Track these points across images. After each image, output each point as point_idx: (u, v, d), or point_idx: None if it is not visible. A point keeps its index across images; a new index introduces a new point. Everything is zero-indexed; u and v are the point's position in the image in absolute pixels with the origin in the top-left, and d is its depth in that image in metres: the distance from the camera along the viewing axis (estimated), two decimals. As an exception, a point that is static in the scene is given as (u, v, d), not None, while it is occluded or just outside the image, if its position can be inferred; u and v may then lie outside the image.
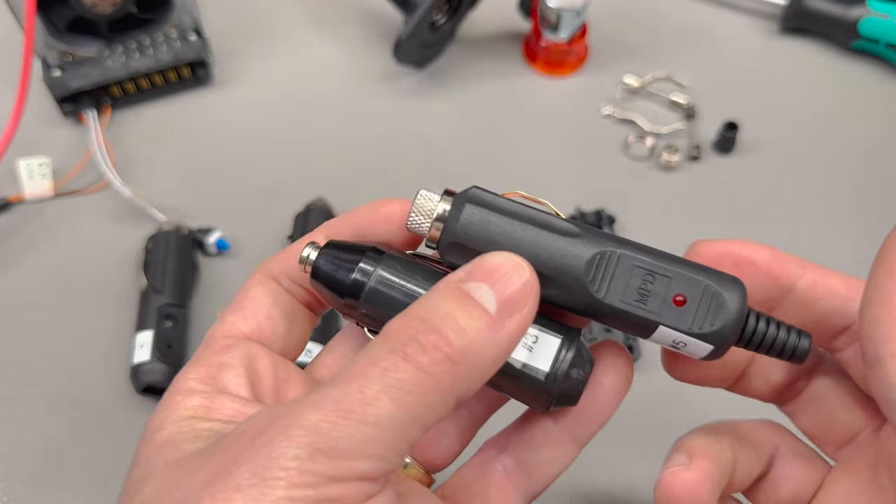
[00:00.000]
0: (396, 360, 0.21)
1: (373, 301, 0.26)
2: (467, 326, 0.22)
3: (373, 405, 0.21)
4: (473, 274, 0.23)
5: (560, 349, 0.25)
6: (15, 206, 0.54)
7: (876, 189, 0.55)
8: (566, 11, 0.57)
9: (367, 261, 0.26)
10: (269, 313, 0.27)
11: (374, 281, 0.26)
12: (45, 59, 0.55)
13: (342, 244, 0.27)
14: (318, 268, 0.26)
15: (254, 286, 0.28)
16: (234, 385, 0.25)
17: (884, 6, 0.59)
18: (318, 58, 0.62)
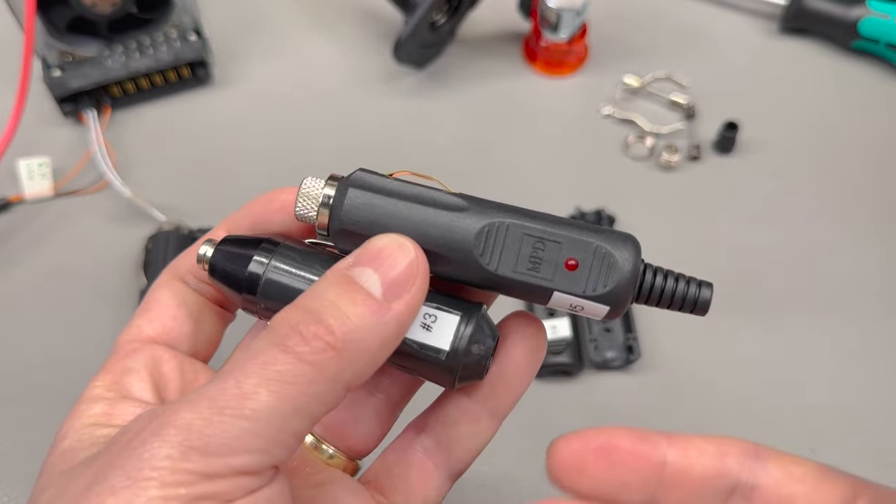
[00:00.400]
0: (275, 352, 0.21)
1: (269, 294, 0.25)
2: (350, 313, 0.22)
3: (250, 399, 0.20)
4: (359, 258, 0.23)
5: (459, 326, 0.25)
6: (15, 206, 0.54)
7: (876, 189, 0.55)
8: (566, 11, 0.57)
9: (260, 253, 0.26)
10: (175, 314, 0.27)
11: (269, 273, 0.25)
12: (45, 59, 0.55)
13: (237, 238, 0.27)
14: (214, 265, 0.26)
15: (159, 288, 0.27)
16: (137, 390, 0.25)
17: (884, 6, 0.59)
18: (318, 58, 0.62)
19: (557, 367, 0.47)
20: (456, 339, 0.25)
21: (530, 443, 0.46)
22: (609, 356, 0.47)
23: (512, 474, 0.44)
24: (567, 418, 0.46)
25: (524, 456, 0.45)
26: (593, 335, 0.48)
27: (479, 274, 0.25)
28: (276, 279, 0.25)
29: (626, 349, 0.48)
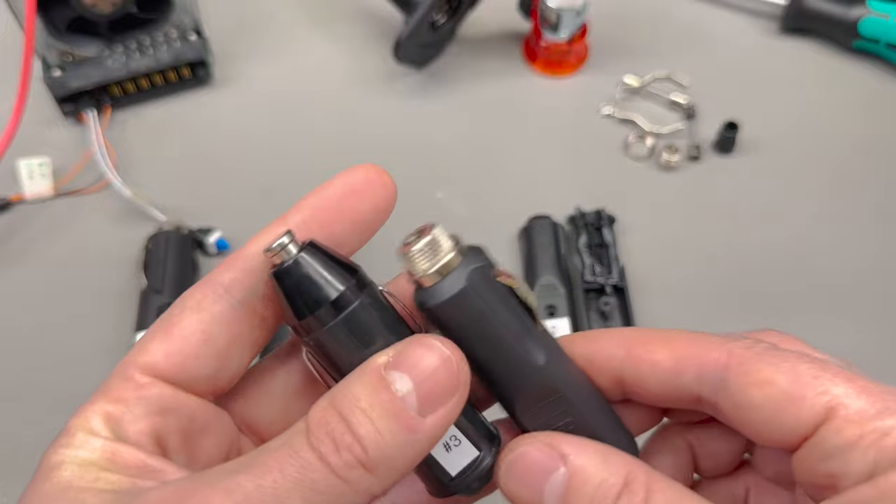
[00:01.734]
0: (312, 457, 0.21)
1: (333, 336, 0.23)
2: (384, 429, 0.21)
3: (284, 502, 0.20)
4: (398, 361, 0.21)
5: (474, 462, 0.24)
6: (15, 206, 0.54)
7: (876, 188, 0.55)
8: (566, 11, 0.57)
9: (350, 288, 0.23)
10: (199, 352, 0.24)
11: (344, 315, 0.23)
12: (45, 59, 0.55)
13: (326, 253, 0.23)
14: (288, 271, 0.23)
15: (188, 310, 0.24)
16: (135, 435, 0.23)
17: (884, 6, 0.59)
18: (318, 58, 0.62)
19: (557, 367, 0.46)
20: (465, 473, 0.24)
21: (530, 443, 0.46)
22: (609, 356, 0.47)
23: (512, 474, 0.44)
24: (567, 418, 0.46)
25: (524, 456, 0.45)
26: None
27: (509, 408, 0.25)
28: (346, 326, 0.23)
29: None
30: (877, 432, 0.21)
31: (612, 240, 0.51)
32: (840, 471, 0.21)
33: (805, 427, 0.22)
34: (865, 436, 0.21)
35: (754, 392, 0.23)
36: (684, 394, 0.25)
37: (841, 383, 0.22)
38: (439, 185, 0.55)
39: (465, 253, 0.24)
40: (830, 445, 0.21)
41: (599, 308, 0.49)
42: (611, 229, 0.51)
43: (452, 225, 0.56)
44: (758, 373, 0.23)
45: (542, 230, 0.51)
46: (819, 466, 0.22)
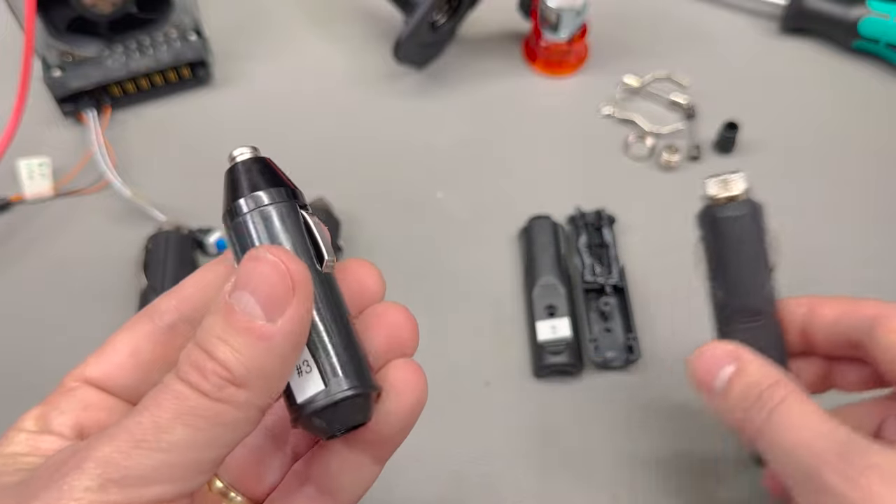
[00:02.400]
0: (184, 387, 0.22)
1: (242, 226, 0.26)
2: (238, 345, 0.22)
3: (166, 432, 0.22)
4: (237, 282, 0.23)
5: (316, 395, 0.25)
6: (15, 206, 0.54)
7: (876, 189, 0.55)
8: (566, 11, 0.57)
9: (271, 194, 0.26)
10: (122, 362, 0.27)
11: (256, 210, 0.26)
12: (45, 59, 0.55)
13: (270, 168, 0.28)
14: (234, 168, 0.28)
15: (122, 330, 0.28)
16: (58, 427, 0.25)
17: (884, 6, 0.59)
18: (318, 58, 0.62)
19: (557, 367, 0.47)
20: (309, 403, 0.25)
21: (530, 443, 0.46)
22: (609, 356, 0.47)
23: (512, 474, 0.44)
24: (567, 418, 0.46)
25: (524, 456, 0.45)
26: (593, 335, 0.48)
27: None
28: (264, 217, 0.26)
29: (626, 349, 0.48)
30: None
31: (612, 240, 0.51)
32: None
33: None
34: None
35: (891, 337, 0.33)
36: (843, 339, 0.35)
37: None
38: (439, 185, 0.55)
39: (750, 196, 0.34)
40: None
41: (599, 308, 0.49)
42: (611, 229, 0.51)
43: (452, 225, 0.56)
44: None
45: (542, 230, 0.51)
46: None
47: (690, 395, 0.46)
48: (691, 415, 0.46)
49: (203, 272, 0.28)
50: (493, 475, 0.45)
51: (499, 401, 0.47)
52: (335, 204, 0.52)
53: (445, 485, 0.44)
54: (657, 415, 0.46)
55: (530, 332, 0.48)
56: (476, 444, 0.46)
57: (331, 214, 0.51)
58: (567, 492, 0.44)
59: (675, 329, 0.49)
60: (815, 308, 0.37)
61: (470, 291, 0.51)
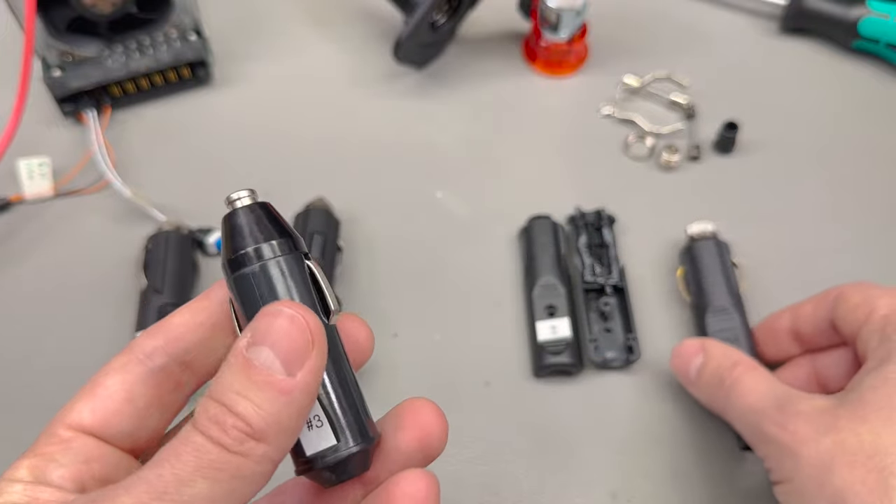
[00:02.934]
0: (204, 441, 0.22)
1: (244, 281, 0.26)
2: (259, 399, 0.23)
3: (188, 485, 0.22)
4: (254, 337, 0.24)
5: (329, 450, 0.26)
6: (15, 206, 0.54)
7: (876, 189, 0.55)
8: (566, 11, 0.57)
9: (273, 245, 0.26)
10: (119, 408, 0.26)
11: (258, 265, 0.26)
12: (45, 59, 0.55)
13: (271, 214, 0.27)
14: (232, 215, 0.27)
15: (112, 372, 0.27)
16: (58, 480, 0.25)
17: (884, 6, 0.59)
18: (318, 58, 0.62)
19: (557, 367, 0.47)
20: (320, 457, 0.26)
21: (530, 443, 0.46)
22: (609, 356, 0.47)
23: (512, 474, 0.44)
24: (567, 418, 0.46)
25: (524, 456, 0.45)
26: (593, 335, 0.48)
27: None
28: (267, 271, 0.26)
29: (626, 349, 0.48)
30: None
31: (612, 240, 0.51)
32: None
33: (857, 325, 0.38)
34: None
35: (847, 305, 0.39)
36: (823, 326, 0.41)
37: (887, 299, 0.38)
38: (439, 185, 0.55)
39: (717, 236, 0.49)
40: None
41: (599, 308, 0.49)
42: (611, 229, 0.51)
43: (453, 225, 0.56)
44: (850, 295, 0.40)
45: (542, 230, 0.51)
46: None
47: (690, 396, 0.46)
48: (690, 415, 0.46)
49: (191, 313, 0.27)
50: (493, 475, 0.45)
51: (499, 401, 0.47)
52: (335, 204, 0.52)
53: (445, 485, 0.44)
54: (656, 415, 0.46)
55: (530, 332, 0.48)
56: (476, 444, 0.45)
57: (331, 214, 0.51)
58: (567, 491, 0.44)
59: (674, 329, 0.49)
60: (796, 310, 0.43)
61: (470, 291, 0.51)
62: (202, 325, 0.27)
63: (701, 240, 0.49)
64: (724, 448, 0.45)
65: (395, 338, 0.49)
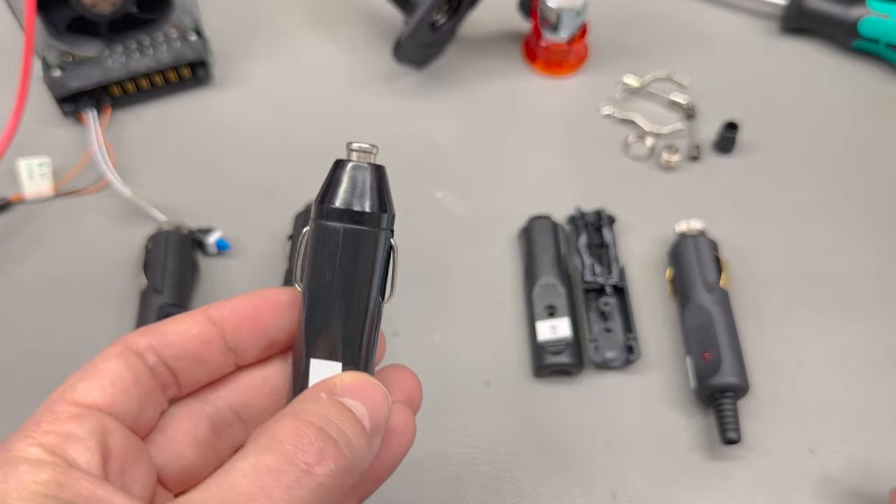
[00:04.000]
0: (299, 474, 0.22)
1: (328, 236, 0.26)
2: (355, 442, 0.24)
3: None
4: (352, 390, 0.26)
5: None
6: (15, 206, 0.54)
7: (876, 189, 0.55)
8: (566, 11, 0.57)
9: (382, 219, 0.26)
10: (127, 389, 0.25)
11: (362, 229, 0.26)
12: (45, 59, 0.55)
13: (385, 182, 0.27)
14: (356, 167, 0.26)
15: (113, 357, 0.26)
16: (84, 461, 0.23)
17: (884, 6, 0.59)
18: (318, 58, 0.62)
19: (557, 367, 0.46)
20: None
21: (530, 443, 0.46)
22: (609, 356, 0.47)
23: (512, 474, 0.44)
24: (567, 418, 0.46)
25: (524, 456, 0.45)
26: (593, 335, 0.48)
27: None
28: (366, 240, 0.26)
29: (626, 349, 0.48)
30: None
31: (612, 240, 0.51)
32: None
33: None
34: None
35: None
36: None
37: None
38: (439, 185, 0.55)
39: (704, 233, 0.45)
40: None
41: (599, 308, 0.49)
42: (611, 229, 0.51)
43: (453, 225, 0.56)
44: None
45: (542, 230, 0.51)
46: None
47: (689, 396, 0.46)
48: (690, 414, 0.46)
49: (186, 324, 0.27)
50: (493, 475, 0.45)
51: (499, 401, 0.47)
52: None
53: (445, 484, 0.44)
54: (656, 415, 0.46)
55: (530, 332, 0.48)
56: (476, 444, 0.45)
57: (331, 214, 0.51)
58: (567, 491, 0.44)
59: (674, 329, 0.49)
60: None
61: (470, 291, 0.51)
62: (195, 337, 0.27)
63: (686, 237, 0.50)
64: (723, 447, 0.45)
65: (396, 337, 0.49)
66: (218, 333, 0.28)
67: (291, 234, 0.50)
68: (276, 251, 0.52)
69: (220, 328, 0.28)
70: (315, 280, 0.26)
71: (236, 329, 0.28)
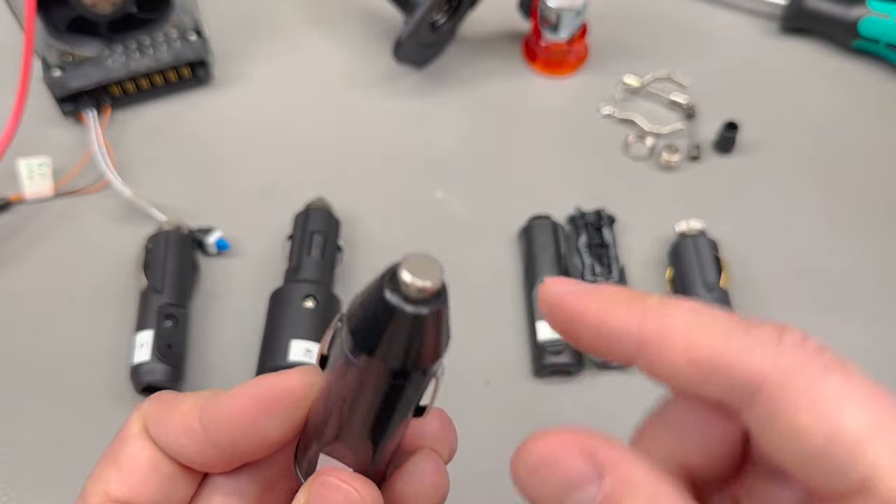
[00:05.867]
0: None
1: (394, 387, 0.22)
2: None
3: None
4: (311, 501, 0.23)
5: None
6: (15, 206, 0.54)
7: (876, 189, 0.55)
8: (566, 11, 0.57)
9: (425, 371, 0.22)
10: (146, 477, 0.25)
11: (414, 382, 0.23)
12: (45, 59, 0.55)
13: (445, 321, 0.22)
14: (417, 315, 0.21)
15: (133, 440, 0.25)
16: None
17: (884, 6, 0.59)
18: (318, 58, 0.62)
19: (557, 367, 0.46)
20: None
21: (530, 443, 0.46)
22: (609, 356, 0.47)
23: (512, 474, 0.44)
24: (567, 418, 0.46)
25: (524, 456, 0.45)
26: (593, 335, 0.48)
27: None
28: (412, 391, 0.23)
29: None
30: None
31: (612, 240, 0.51)
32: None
33: (833, 492, 0.18)
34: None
35: (794, 438, 0.18)
36: (705, 396, 0.20)
37: (887, 454, 0.17)
38: (439, 185, 0.55)
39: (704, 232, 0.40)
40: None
41: (599, 308, 0.49)
42: (611, 229, 0.51)
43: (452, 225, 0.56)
44: (807, 413, 0.18)
45: (542, 230, 0.51)
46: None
47: (690, 395, 0.46)
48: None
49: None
50: (493, 475, 0.45)
51: (499, 401, 0.47)
52: (335, 204, 0.52)
53: (445, 485, 0.44)
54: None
55: (530, 332, 0.48)
56: (476, 444, 0.45)
57: (331, 214, 0.51)
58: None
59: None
60: (651, 340, 0.20)
61: (470, 291, 0.51)
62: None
63: (686, 237, 0.50)
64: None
65: (395, 338, 0.49)
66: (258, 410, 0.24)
67: (291, 235, 0.50)
68: (276, 251, 0.52)
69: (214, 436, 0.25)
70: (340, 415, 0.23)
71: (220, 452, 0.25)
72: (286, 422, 0.24)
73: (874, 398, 0.18)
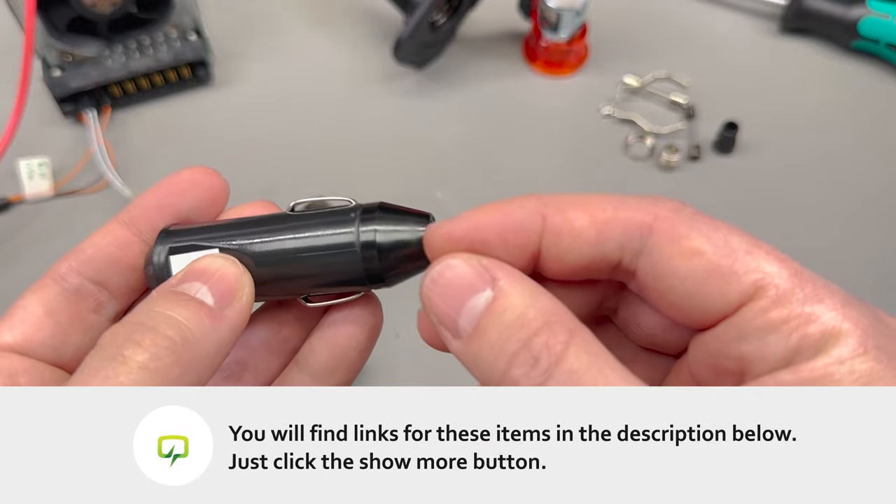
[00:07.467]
0: (115, 365, 0.21)
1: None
2: (186, 320, 0.22)
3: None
4: (186, 276, 0.24)
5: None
6: (15, 206, 0.54)
7: (876, 189, 0.55)
8: (566, 11, 0.57)
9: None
10: (39, 323, 0.25)
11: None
12: (45, 59, 0.55)
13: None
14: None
15: (28, 294, 0.26)
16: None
17: (884, 6, 0.59)
18: (318, 58, 0.62)
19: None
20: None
21: (530, 443, 0.46)
22: (609, 356, 0.47)
23: (512, 474, 0.44)
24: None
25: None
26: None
27: None
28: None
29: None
30: (803, 317, 0.20)
31: (612, 240, 0.51)
32: (756, 354, 0.20)
33: (729, 305, 0.21)
34: (791, 319, 0.20)
35: (680, 262, 0.21)
36: (603, 264, 0.23)
37: (774, 262, 0.22)
38: (439, 185, 0.55)
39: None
40: (751, 326, 0.20)
41: (599, 308, 0.49)
42: (611, 229, 0.51)
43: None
44: (687, 240, 0.21)
45: (542, 230, 0.51)
46: (731, 348, 0.20)
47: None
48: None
49: (98, 236, 0.27)
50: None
51: (499, 401, 0.47)
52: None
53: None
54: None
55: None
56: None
57: (331, 214, 0.51)
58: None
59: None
60: (555, 221, 0.25)
61: (470, 291, 0.51)
62: (110, 244, 0.27)
63: None
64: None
65: (398, 338, 0.49)
66: (134, 234, 0.27)
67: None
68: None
69: (136, 228, 0.27)
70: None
71: (150, 224, 0.27)
72: (196, 202, 0.30)
73: (755, 239, 0.22)
